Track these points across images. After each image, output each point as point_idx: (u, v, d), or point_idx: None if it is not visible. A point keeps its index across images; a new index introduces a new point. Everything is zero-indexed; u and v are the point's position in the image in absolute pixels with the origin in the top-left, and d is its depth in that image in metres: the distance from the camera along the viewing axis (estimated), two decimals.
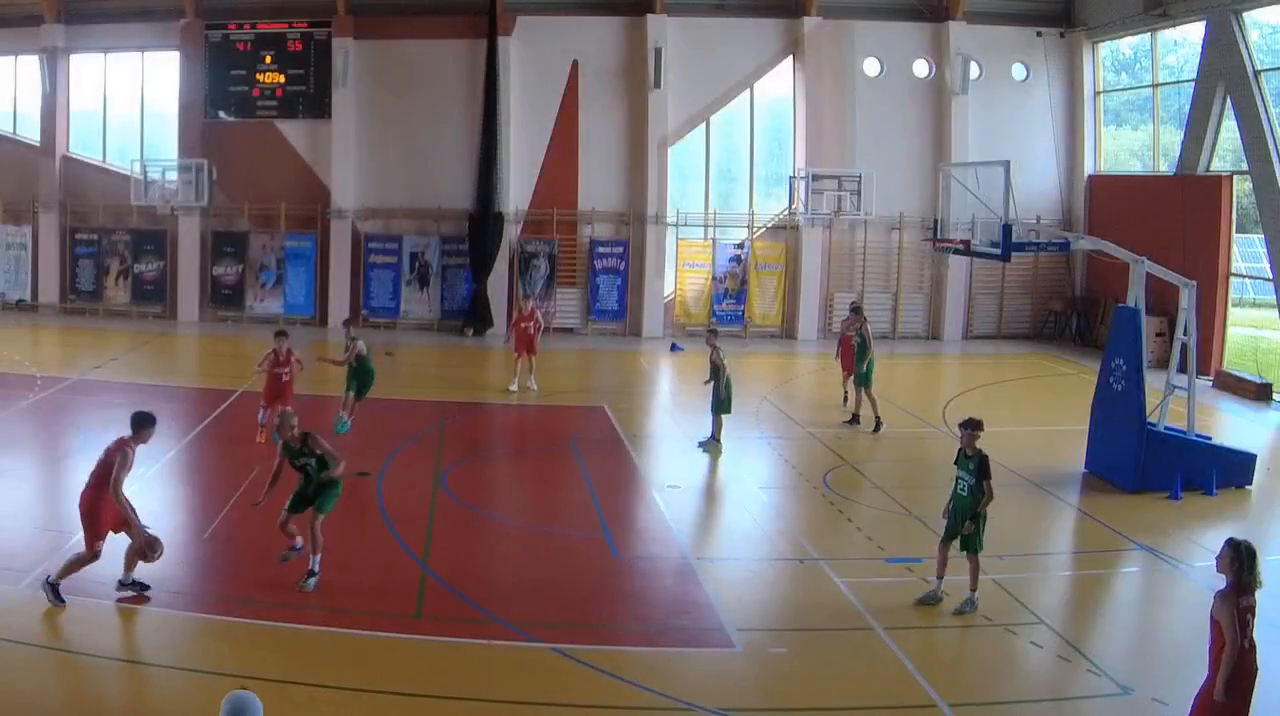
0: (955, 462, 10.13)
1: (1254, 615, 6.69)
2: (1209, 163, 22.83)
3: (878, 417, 16.99)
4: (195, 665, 8.34)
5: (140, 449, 9.99)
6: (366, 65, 26.53)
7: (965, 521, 9.82)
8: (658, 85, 26.02)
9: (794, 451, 15.83)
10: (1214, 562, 6.99)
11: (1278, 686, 8.42)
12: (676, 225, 26.78)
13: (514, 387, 19.45)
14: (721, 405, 15.65)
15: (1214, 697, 6.65)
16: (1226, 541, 6.92)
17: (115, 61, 27.69)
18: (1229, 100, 21.67)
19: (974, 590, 9.81)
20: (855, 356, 17.28)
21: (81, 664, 8.18)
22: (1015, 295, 27.44)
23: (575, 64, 26.47)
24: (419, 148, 26.59)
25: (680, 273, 26.86)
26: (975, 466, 9.84)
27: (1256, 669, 6.67)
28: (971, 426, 10.02)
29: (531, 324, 19.59)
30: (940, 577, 9.98)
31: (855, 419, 17.29)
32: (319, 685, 8.08)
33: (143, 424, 9.81)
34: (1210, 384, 21.17)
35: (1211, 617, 6.76)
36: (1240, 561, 6.75)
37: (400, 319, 26.93)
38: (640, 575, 10.77)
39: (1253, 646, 6.64)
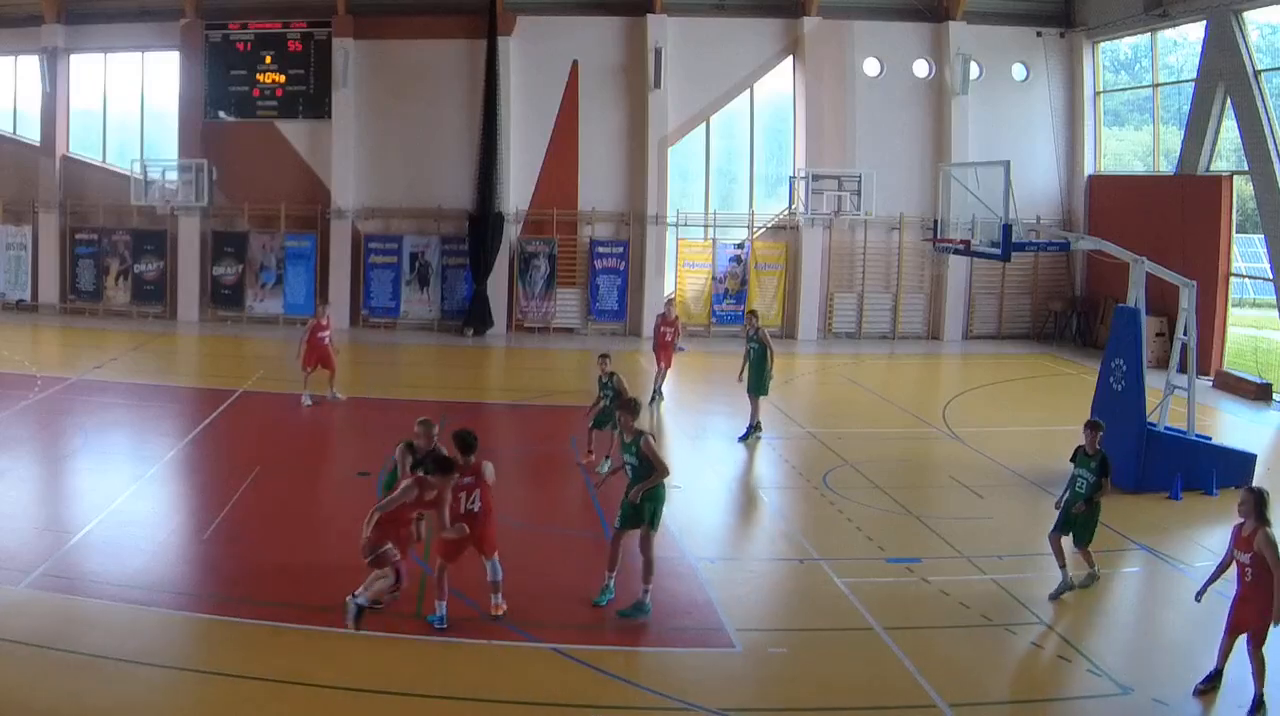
0: (1073, 461, 10.62)
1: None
2: (1209, 163, 22.84)
3: (758, 422, 16.14)
4: (195, 665, 8.34)
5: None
6: (366, 65, 26.53)
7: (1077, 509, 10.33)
8: (658, 85, 26.03)
9: (794, 451, 15.83)
10: (1236, 509, 8.37)
11: (1277, 685, 8.45)
12: (676, 225, 26.78)
13: (308, 402, 17.82)
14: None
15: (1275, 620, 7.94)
16: (1246, 489, 8.45)
17: (115, 61, 27.69)
18: (1229, 100, 21.67)
19: (1093, 566, 10.40)
20: (754, 364, 16.04)
21: (82, 664, 8.18)
22: (1015, 295, 27.45)
23: (575, 64, 26.48)
24: (419, 148, 26.59)
25: (680, 273, 26.86)
26: (1098, 464, 10.37)
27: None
28: (1095, 427, 10.63)
29: (329, 334, 18.09)
30: (1064, 567, 10.23)
31: (757, 428, 16.17)
32: (319, 685, 8.08)
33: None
34: (1210, 384, 21.17)
35: (1254, 552, 8.05)
36: (1264, 502, 8.25)
37: (400, 319, 26.93)
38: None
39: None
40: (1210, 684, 8.30)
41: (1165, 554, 11.62)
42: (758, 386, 16.10)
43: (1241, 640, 8.16)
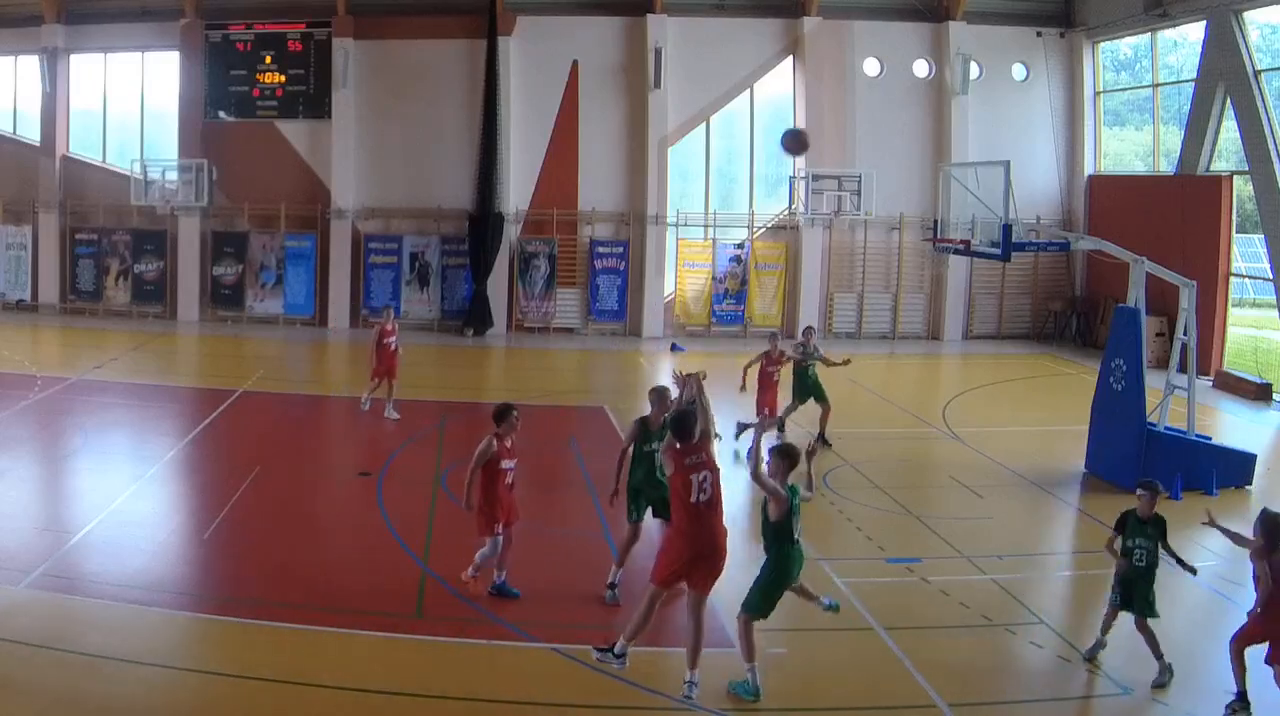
0: (1121, 530, 8.94)
1: None
2: (1209, 163, 22.84)
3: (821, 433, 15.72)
4: (195, 665, 8.33)
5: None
6: (366, 65, 26.53)
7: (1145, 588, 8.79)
8: (658, 85, 26.03)
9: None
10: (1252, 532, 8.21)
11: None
12: (676, 225, 26.78)
13: (391, 416, 16.76)
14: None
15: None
16: (1262, 511, 8.24)
17: (115, 61, 27.69)
18: (1229, 100, 21.67)
19: (1161, 655, 8.63)
20: (804, 377, 15.70)
21: (82, 664, 8.17)
22: (1015, 295, 27.45)
23: (575, 64, 26.48)
24: (419, 148, 26.60)
25: (680, 273, 26.86)
26: (1155, 530, 8.85)
27: None
28: (1153, 491, 8.94)
29: (394, 339, 16.90)
30: (1159, 655, 8.62)
31: (825, 439, 15.60)
32: (319, 685, 8.07)
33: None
34: (1210, 384, 21.18)
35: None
36: (1266, 528, 8.08)
37: (400, 319, 26.65)
38: (641, 575, 10.73)
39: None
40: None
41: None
42: (821, 395, 15.76)
43: None
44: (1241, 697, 7.96)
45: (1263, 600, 8.00)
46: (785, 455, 8.39)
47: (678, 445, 8.09)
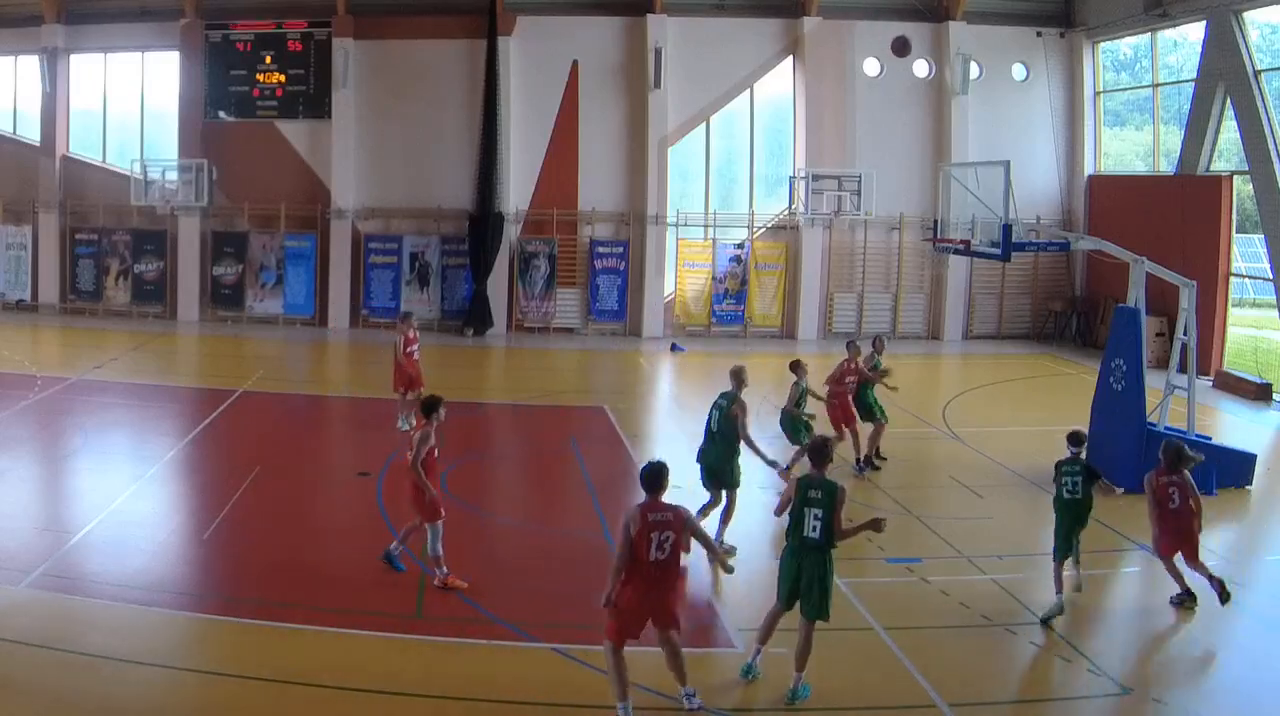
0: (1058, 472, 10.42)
1: (1177, 488, 9.88)
2: (1209, 163, 22.84)
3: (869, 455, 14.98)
4: (195, 665, 8.33)
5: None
6: (366, 65, 26.53)
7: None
8: (658, 85, 26.03)
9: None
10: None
11: (1277, 685, 8.46)
12: (676, 225, 26.78)
13: (407, 427, 15.66)
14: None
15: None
16: (1165, 442, 10.03)
17: (115, 61, 27.70)
18: (1229, 100, 21.67)
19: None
20: (864, 392, 14.91)
21: (82, 664, 8.18)
22: (1015, 295, 27.45)
23: (575, 64, 26.48)
24: (419, 148, 26.60)
25: (680, 273, 26.86)
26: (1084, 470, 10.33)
27: (1189, 529, 9.84)
28: (1078, 441, 10.56)
29: (417, 348, 16.27)
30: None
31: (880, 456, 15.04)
32: (319, 685, 8.07)
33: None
34: (1210, 384, 21.17)
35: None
36: (1166, 455, 9.99)
37: None
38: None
39: (1181, 509, 9.86)
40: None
41: None
42: (881, 411, 15.05)
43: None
44: (1188, 593, 9.91)
45: (1153, 518, 9.90)
46: (816, 451, 8.41)
47: (645, 501, 7.81)
